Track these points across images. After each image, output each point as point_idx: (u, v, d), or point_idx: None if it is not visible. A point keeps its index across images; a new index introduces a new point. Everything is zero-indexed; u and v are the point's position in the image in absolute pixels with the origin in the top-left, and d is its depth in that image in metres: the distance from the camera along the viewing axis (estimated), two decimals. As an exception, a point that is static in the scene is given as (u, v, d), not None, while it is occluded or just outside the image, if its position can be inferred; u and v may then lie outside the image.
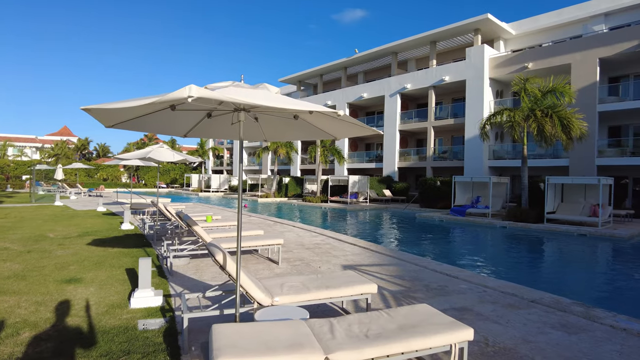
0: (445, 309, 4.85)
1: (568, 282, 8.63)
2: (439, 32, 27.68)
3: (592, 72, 21.30)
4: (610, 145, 22.07)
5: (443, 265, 7.56)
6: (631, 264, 10.26)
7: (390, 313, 3.41)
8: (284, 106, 2.82)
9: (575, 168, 21.43)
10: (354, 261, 7.75)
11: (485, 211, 18.56)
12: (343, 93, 34.69)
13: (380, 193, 28.34)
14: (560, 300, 5.36)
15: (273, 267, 7.10)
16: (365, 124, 3.80)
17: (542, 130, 16.66)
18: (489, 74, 25.47)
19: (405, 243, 13.00)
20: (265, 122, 4.32)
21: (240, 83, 3.32)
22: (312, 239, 10.47)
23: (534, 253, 12.03)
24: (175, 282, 5.93)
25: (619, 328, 4.40)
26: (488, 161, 25.39)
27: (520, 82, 18.12)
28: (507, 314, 4.80)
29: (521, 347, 3.85)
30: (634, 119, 21.73)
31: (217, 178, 43.27)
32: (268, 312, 3.44)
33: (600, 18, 24.04)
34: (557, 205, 17.22)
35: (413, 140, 32.88)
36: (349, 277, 4.65)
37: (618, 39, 20.64)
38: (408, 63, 33.84)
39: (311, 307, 4.74)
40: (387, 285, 6.02)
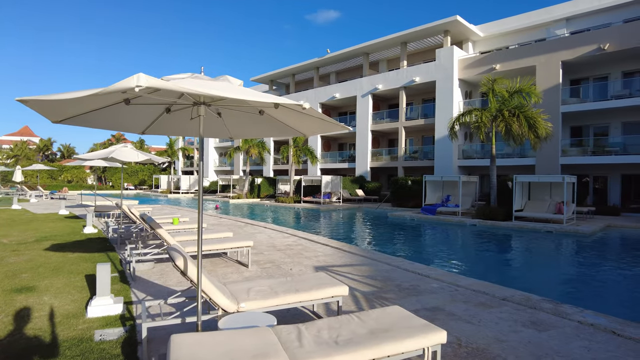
0: (417, 310, 4.77)
1: (537, 278, 8.78)
2: (410, 33, 27.98)
3: (555, 74, 22.00)
4: (573, 144, 22.87)
5: (415, 265, 7.52)
6: (595, 259, 10.57)
7: (361, 317, 3.27)
8: (247, 98, 2.63)
9: (541, 167, 22.07)
10: (326, 262, 7.60)
11: (455, 210, 18.83)
12: (315, 93, 34.60)
13: (353, 193, 28.38)
14: (530, 297, 5.38)
15: (242, 270, 6.86)
16: (334, 120, 3.65)
17: (509, 129, 17.05)
18: (458, 75, 25.93)
19: (377, 242, 12.97)
20: (229, 118, 4.11)
21: (199, 75, 3.11)
22: (284, 240, 10.27)
23: (504, 250, 12.24)
24: (138, 288, 5.62)
25: (586, 323, 4.42)
26: (458, 161, 25.83)
27: (488, 83, 18.49)
28: (479, 313, 4.76)
29: (494, 346, 3.80)
30: (594, 120, 22.59)
31: (187, 179, 42.32)
32: (233, 320, 3.24)
33: (562, 22, 24.90)
34: (524, 203, 17.66)
35: (385, 140, 33.12)
36: (320, 280, 4.49)
37: (579, 43, 21.41)
38: (379, 64, 34.08)
39: (280, 312, 4.55)
40: (359, 286, 5.90)
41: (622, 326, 4.33)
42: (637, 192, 21.81)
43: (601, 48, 20.37)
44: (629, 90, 21.06)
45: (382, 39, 29.30)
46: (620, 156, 20.38)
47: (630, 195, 21.83)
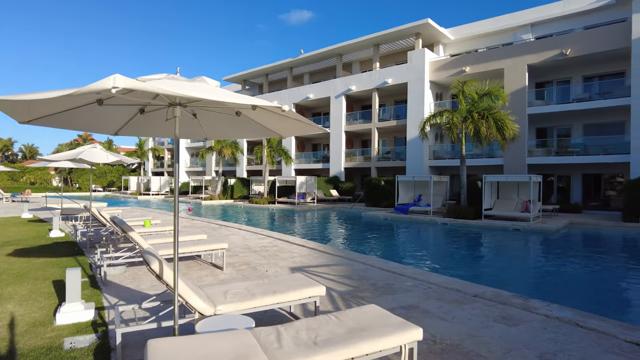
0: (393, 308, 4.85)
1: (507, 274, 9.09)
2: (382, 35, 28.35)
3: (521, 78, 22.79)
4: (538, 145, 23.75)
5: (389, 264, 7.64)
6: (560, 255, 11.03)
7: (339, 316, 3.31)
8: (225, 100, 2.62)
9: (509, 167, 22.81)
10: (302, 263, 7.62)
11: (427, 209, 19.22)
12: (289, 93, 34.55)
13: (328, 193, 28.50)
14: (500, 293, 5.56)
15: (217, 273, 6.78)
16: (310, 121, 3.68)
17: (478, 131, 17.54)
18: (430, 77, 26.47)
19: (352, 242, 13.09)
20: (204, 119, 4.06)
21: (175, 75, 3.07)
22: (259, 241, 10.22)
23: (474, 248, 12.59)
24: (109, 293, 5.47)
25: (552, 317, 4.62)
26: (429, 161, 26.36)
27: (458, 85, 18.96)
28: (453, 309, 4.89)
29: (467, 342, 3.91)
30: (558, 122, 23.54)
31: (158, 180, 41.39)
32: (210, 323, 3.21)
33: (527, 28, 25.82)
34: (493, 202, 18.21)
35: (358, 141, 33.42)
36: (297, 281, 4.50)
37: (543, 47, 22.27)
38: (353, 65, 34.36)
39: (258, 314, 4.54)
40: (336, 286, 5.95)
41: (585, 318, 4.55)
42: (597, 190, 22.89)
43: (563, 53, 21.25)
44: (589, 93, 22.06)
45: (355, 41, 29.57)
46: (581, 156, 21.32)
47: (591, 194, 22.89)
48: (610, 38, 20.26)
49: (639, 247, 12.67)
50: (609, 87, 21.63)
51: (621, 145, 20.39)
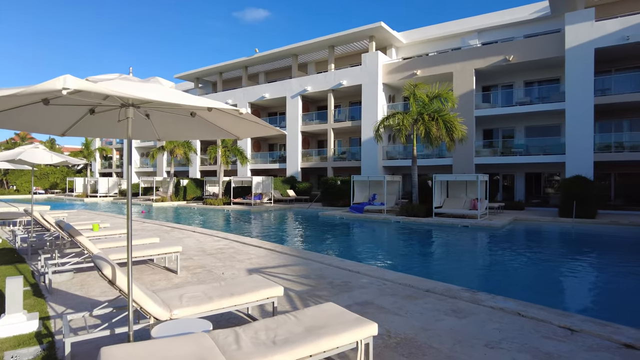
0: (350, 305, 4.98)
1: (456, 269, 9.53)
2: (337, 37, 28.69)
3: (469, 81, 23.90)
4: (485, 146, 25.00)
5: (345, 262, 7.80)
6: (505, 249, 11.71)
7: (297, 315, 3.36)
8: (180, 102, 2.60)
9: (458, 166, 23.85)
10: (259, 264, 7.59)
11: (381, 207, 19.71)
12: (244, 92, 34.11)
13: (285, 193, 28.45)
14: (450, 287, 5.85)
15: (171, 277, 6.62)
16: (267, 123, 3.71)
17: (429, 132, 18.21)
18: (383, 79, 27.12)
19: (309, 242, 13.18)
20: (158, 120, 3.97)
21: (128, 76, 2.99)
22: (215, 244, 10.05)
23: (426, 245, 13.07)
24: (56, 302, 5.19)
25: (497, 308, 4.93)
26: (382, 161, 27.02)
27: (410, 87, 19.58)
28: (406, 304, 5.09)
29: (420, 335, 4.10)
30: (502, 123, 24.91)
31: (106, 181, 39.49)
32: (166, 327, 3.16)
33: (475, 34, 27.11)
34: (443, 200, 18.99)
35: (314, 141, 33.61)
36: (255, 282, 4.51)
37: (488, 53, 23.48)
38: (308, 66, 34.50)
39: (215, 317, 4.49)
40: (294, 286, 6.00)
41: (526, 308, 4.90)
42: (537, 188, 24.46)
43: (507, 59, 22.52)
44: (530, 97, 23.54)
45: (311, 42, 29.72)
46: (523, 156, 22.71)
47: (532, 191, 24.42)
48: (547, 47, 21.72)
49: (573, 240, 13.71)
50: (546, 92, 23.19)
51: (558, 146, 21.93)
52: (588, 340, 3.98)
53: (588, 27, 19.98)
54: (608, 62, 21.45)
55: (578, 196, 16.85)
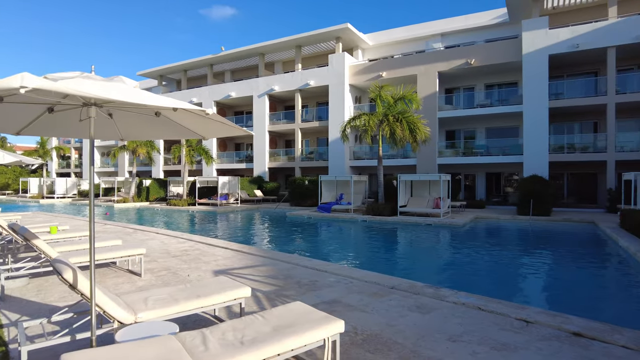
0: (317, 304, 5.03)
1: (421, 266, 9.80)
2: (304, 37, 28.74)
3: (432, 83, 24.56)
4: (447, 147, 25.77)
5: (313, 261, 7.86)
6: (466, 246, 12.14)
7: (264, 315, 3.38)
8: (145, 102, 2.57)
9: (422, 166, 24.46)
10: (226, 265, 7.53)
11: (348, 207, 19.94)
12: (210, 90, 33.53)
13: (252, 193, 28.21)
14: (415, 284, 6.02)
15: (135, 279, 6.46)
16: (234, 123, 3.70)
17: (393, 133, 18.59)
18: (349, 80, 27.41)
19: (277, 242, 13.16)
20: (121, 119, 3.88)
21: (90, 74, 2.91)
22: (179, 245, 9.86)
23: (391, 243, 13.35)
24: (10, 309, 4.95)
25: (459, 303, 5.13)
26: (349, 161, 27.31)
27: (376, 89, 19.90)
28: (372, 302, 5.21)
29: (386, 331, 4.21)
30: (464, 125, 25.76)
31: (64, 182, 37.75)
32: (131, 331, 3.10)
33: (438, 37, 27.89)
34: (407, 200, 19.43)
35: (282, 141, 33.51)
36: (221, 283, 4.48)
37: (451, 56, 24.22)
38: (275, 65, 34.36)
39: (181, 319, 4.43)
40: (261, 286, 6.00)
41: (486, 302, 5.12)
42: (497, 187, 25.47)
43: (469, 62, 23.30)
44: (490, 100, 24.47)
45: (278, 41, 29.61)
46: (484, 157, 23.58)
47: (492, 190, 25.41)
48: (505, 52, 22.65)
49: (529, 237, 14.38)
50: (505, 95, 24.19)
51: (516, 147, 22.92)
52: (541, 330, 4.22)
53: (542, 35, 21.00)
54: (561, 68, 22.63)
55: (535, 195, 17.67)
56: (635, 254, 9.38)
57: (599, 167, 21.30)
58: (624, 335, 4.05)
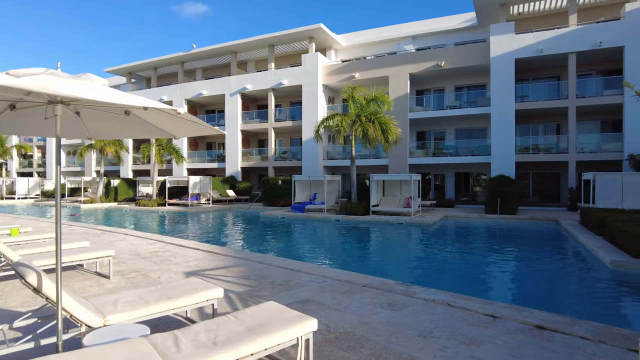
0: (291, 303, 5.05)
1: (392, 264, 9.96)
2: (277, 37, 28.62)
3: (404, 85, 24.97)
4: (418, 147, 26.26)
5: (287, 261, 7.86)
6: (436, 244, 12.42)
7: (237, 316, 3.37)
8: (114, 101, 2.52)
9: (393, 166, 24.84)
10: (197, 267, 7.43)
11: (321, 207, 20.02)
12: (181, 89, 32.89)
13: (224, 193, 27.86)
14: (386, 282, 6.13)
15: (103, 282, 6.29)
16: (206, 123, 3.67)
17: (366, 133, 18.81)
18: (323, 80, 27.50)
19: (250, 242, 13.08)
20: (89, 118, 3.78)
21: (56, 71, 2.83)
22: (149, 247, 9.65)
23: (364, 242, 13.50)
24: (-35, 315, 4.73)
25: (429, 300, 5.26)
26: (323, 161, 27.41)
27: (349, 90, 20.08)
28: (345, 300, 5.27)
29: (358, 329, 4.27)
30: (434, 126, 26.32)
31: (25, 182, 36.20)
32: (100, 335, 3.02)
33: (409, 39, 28.37)
34: (380, 199, 19.69)
35: (255, 140, 33.27)
36: (193, 285, 4.43)
37: (422, 59, 24.69)
38: (248, 64, 34.07)
39: (153, 321, 4.35)
40: (234, 287, 5.96)
41: (455, 299, 5.27)
42: (466, 187, 26.16)
43: (439, 65, 23.83)
44: (459, 102, 25.10)
45: (250, 39, 29.37)
46: (453, 157, 24.17)
47: (461, 190, 26.08)
48: (474, 55, 23.30)
49: (497, 235, 14.86)
50: (474, 97, 24.86)
51: (484, 147, 23.60)
52: (507, 324, 4.39)
53: (509, 39, 21.72)
54: (526, 72, 23.46)
55: (502, 194, 18.26)
56: (593, 250, 9.86)
57: (561, 167, 22.22)
58: (582, 326, 4.27)
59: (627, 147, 19.50)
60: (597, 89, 21.64)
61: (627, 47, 19.63)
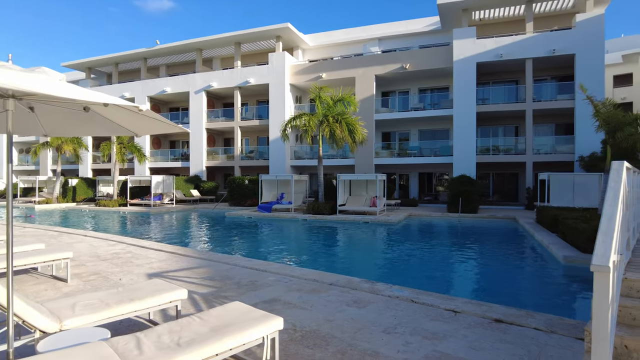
0: (257, 303, 5.02)
1: (358, 262, 10.10)
2: (243, 34, 28.30)
3: (370, 86, 25.33)
4: (384, 148, 26.71)
5: (252, 261, 7.81)
6: (400, 242, 12.69)
7: (202, 316, 3.33)
8: (72, 96, 2.43)
9: (360, 166, 25.14)
10: (160, 268, 7.25)
11: (288, 206, 19.99)
12: (143, 85, 31.92)
13: (188, 193, 27.27)
14: (352, 280, 6.21)
15: (60, 286, 6.02)
16: (170, 120, 3.60)
17: (333, 134, 18.95)
18: (290, 80, 27.45)
19: (215, 243, 12.88)
20: (44, 114, 3.61)
21: (7, 64, 2.69)
22: (110, 248, 9.33)
23: (331, 241, 13.60)
24: None
25: (393, 297, 5.38)
26: (290, 161, 27.37)
27: (316, 90, 20.15)
28: (311, 298, 5.30)
29: (324, 326, 4.31)
30: (399, 127, 26.85)
31: (-29, 181, 34.02)
32: (56, 340, 2.91)
33: (375, 41, 28.78)
34: (346, 199, 19.89)
35: (220, 139, 32.76)
36: (156, 286, 4.33)
37: (388, 60, 25.13)
38: (213, 61, 33.48)
39: (113, 324, 4.21)
40: (198, 288, 5.86)
41: (418, 295, 5.42)
42: (429, 186, 26.85)
43: (404, 67, 24.32)
44: (423, 104, 25.73)
45: (216, 37, 28.89)
46: (417, 158, 24.76)
47: (425, 189, 26.75)
48: (438, 58, 23.95)
49: (458, 232, 15.33)
50: (437, 99, 25.56)
51: (447, 148, 24.30)
52: (468, 319, 4.55)
53: (471, 43, 22.47)
54: (487, 75, 24.35)
55: (463, 193, 18.86)
56: (547, 246, 10.38)
57: (519, 168, 23.22)
58: (536, 318, 4.49)
59: (577, 149, 20.62)
60: (552, 93, 22.75)
61: (578, 54, 20.76)
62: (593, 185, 16.64)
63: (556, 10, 23.57)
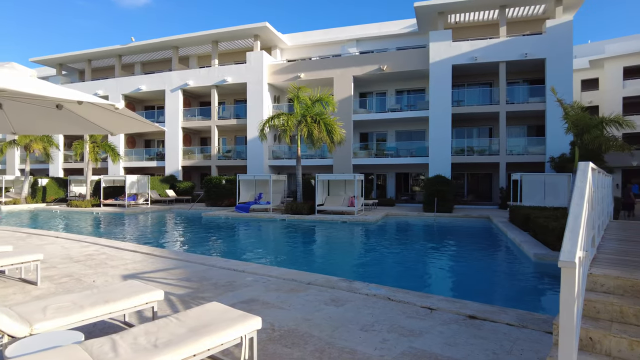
0: (235, 303, 5.00)
1: (336, 261, 10.15)
2: (221, 33, 28.00)
3: (348, 87, 25.47)
4: (361, 148, 26.91)
5: (230, 262, 7.76)
6: (378, 241, 12.82)
7: (179, 317, 3.30)
8: (44, 93, 2.37)
9: (338, 166, 25.26)
10: (136, 270, 7.11)
11: (267, 206, 19.91)
12: (118, 83, 31.15)
13: (163, 193, 26.78)
14: (330, 279, 6.25)
15: (30, 289, 5.83)
16: (145, 119, 3.55)
17: (311, 134, 18.98)
18: (268, 79, 27.32)
19: (192, 244, 12.71)
20: (13, 111, 3.51)
21: (-24, 60, 2.60)
22: (83, 249, 9.09)
23: (309, 240, 13.62)
24: None
25: (371, 295, 5.45)
26: (268, 160, 27.25)
27: (294, 90, 20.14)
28: (289, 298, 5.31)
29: (302, 325, 4.33)
30: (376, 128, 27.12)
31: None
32: (26, 345, 2.82)
33: (353, 42, 28.96)
34: (325, 199, 19.96)
35: (197, 138, 32.32)
36: (132, 287, 4.25)
37: (365, 62, 25.35)
38: (190, 59, 33.00)
39: (87, 327, 4.12)
40: (175, 289, 5.78)
41: (395, 293, 5.50)
42: (406, 186, 27.22)
43: (381, 68, 24.56)
44: (400, 105, 26.06)
45: (193, 35, 28.49)
46: (394, 158, 25.06)
47: (402, 189, 27.11)
48: (415, 60, 24.30)
49: (434, 231, 15.61)
50: (414, 100, 25.93)
51: (423, 149, 24.70)
52: (443, 315, 4.66)
53: (447, 46, 22.90)
54: (462, 77, 24.85)
55: (439, 193, 19.21)
56: (519, 244, 10.69)
57: (493, 168, 23.80)
58: (509, 314, 4.64)
59: (548, 150, 21.29)
60: (524, 96, 23.43)
61: (548, 59, 21.44)
62: (562, 185, 17.25)
63: (528, 16, 24.27)
